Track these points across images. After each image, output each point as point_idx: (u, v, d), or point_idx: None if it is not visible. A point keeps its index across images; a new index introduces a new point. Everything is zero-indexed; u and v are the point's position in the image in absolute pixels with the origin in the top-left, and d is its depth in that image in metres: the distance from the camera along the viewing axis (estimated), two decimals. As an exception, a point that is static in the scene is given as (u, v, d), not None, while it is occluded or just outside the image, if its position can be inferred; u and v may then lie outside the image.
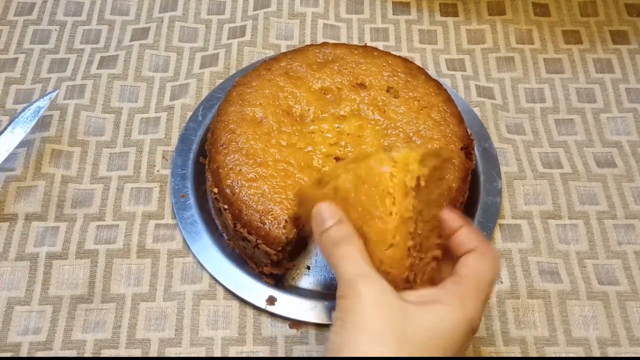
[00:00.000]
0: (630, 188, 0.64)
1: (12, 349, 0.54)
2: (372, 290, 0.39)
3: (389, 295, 0.39)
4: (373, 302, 0.39)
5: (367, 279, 0.40)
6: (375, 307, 0.39)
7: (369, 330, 0.38)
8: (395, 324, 0.38)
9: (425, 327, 0.39)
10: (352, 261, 0.41)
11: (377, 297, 0.39)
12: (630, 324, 0.57)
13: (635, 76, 0.72)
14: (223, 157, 0.58)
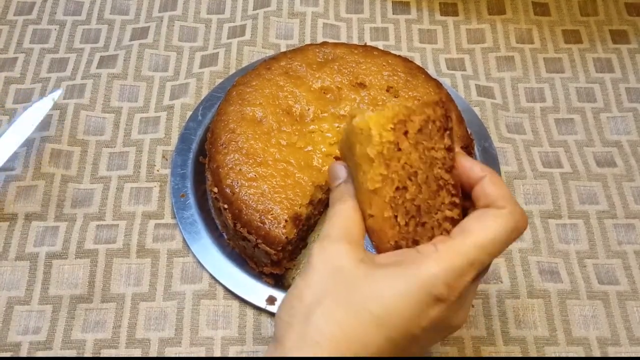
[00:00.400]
0: (630, 187, 0.64)
1: (12, 349, 0.54)
2: (322, 258, 0.39)
3: (338, 262, 0.38)
4: (319, 270, 0.38)
5: (324, 243, 0.39)
6: (319, 274, 0.38)
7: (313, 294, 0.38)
8: (337, 294, 0.37)
9: (369, 296, 0.36)
10: (330, 223, 0.40)
11: (324, 265, 0.38)
12: (630, 324, 0.57)
13: (635, 76, 0.72)
14: (223, 157, 0.58)
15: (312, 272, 0.39)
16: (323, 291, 0.37)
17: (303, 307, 0.37)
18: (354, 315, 0.36)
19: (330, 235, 0.40)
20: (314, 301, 0.37)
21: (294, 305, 0.38)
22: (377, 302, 0.36)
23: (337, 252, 0.39)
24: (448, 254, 0.36)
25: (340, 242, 0.39)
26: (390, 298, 0.36)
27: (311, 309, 0.37)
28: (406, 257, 0.37)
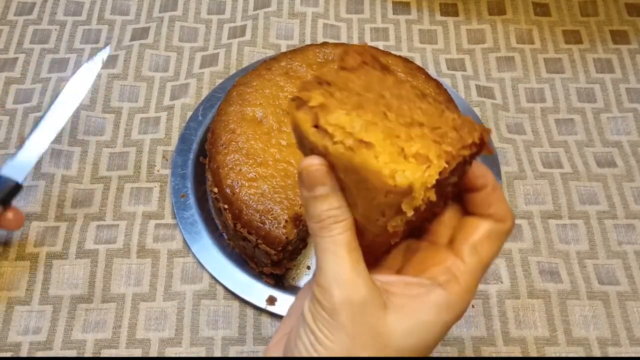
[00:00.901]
0: (631, 188, 0.64)
1: (12, 349, 0.54)
2: (349, 309, 0.34)
3: (367, 310, 0.35)
4: (349, 324, 0.34)
5: (345, 290, 0.35)
6: (350, 329, 0.34)
7: (343, 354, 0.34)
8: (371, 343, 0.35)
9: (402, 341, 0.35)
10: (334, 257, 0.35)
11: (354, 317, 0.34)
12: (630, 324, 0.57)
13: (635, 76, 0.72)
14: (223, 157, 0.58)
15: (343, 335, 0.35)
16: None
17: None
18: None
19: (350, 280, 0.35)
20: None
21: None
22: (410, 354, 0.36)
23: (365, 306, 0.35)
24: (469, 286, 0.36)
25: (363, 290, 0.35)
26: (421, 347, 0.36)
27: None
28: (433, 299, 0.35)
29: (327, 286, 0.34)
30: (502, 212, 0.37)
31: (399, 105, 0.35)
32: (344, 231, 0.35)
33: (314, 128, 0.34)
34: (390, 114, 0.34)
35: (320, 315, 0.35)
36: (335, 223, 0.35)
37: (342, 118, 0.34)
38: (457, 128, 0.34)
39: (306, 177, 0.35)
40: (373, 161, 0.32)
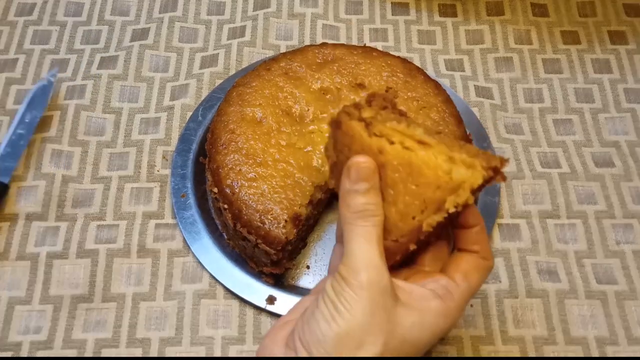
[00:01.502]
0: (629, 188, 0.64)
1: (12, 349, 0.55)
2: (373, 289, 0.39)
3: (386, 296, 0.39)
4: (370, 302, 0.39)
5: (373, 273, 0.39)
6: (370, 307, 0.39)
7: (359, 330, 0.39)
8: (385, 325, 0.39)
9: (407, 332, 0.40)
10: (367, 244, 0.40)
11: (375, 297, 0.39)
12: (628, 323, 0.57)
13: (633, 76, 0.72)
14: (223, 157, 0.59)
15: (364, 309, 0.39)
16: (376, 332, 0.39)
17: (357, 347, 0.39)
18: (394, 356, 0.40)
19: (378, 267, 0.40)
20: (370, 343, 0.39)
21: (347, 344, 0.39)
22: (411, 348, 0.40)
23: (385, 291, 0.40)
24: (459, 306, 0.42)
25: (386, 278, 0.40)
26: (420, 344, 0.41)
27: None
28: (433, 307, 0.41)
29: (357, 267, 0.39)
30: (487, 251, 0.44)
31: (428, 132, 0.41)
32: (377, 224, 0.40)
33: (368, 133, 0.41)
34: (428, 135, 0.41)
35: (344, 291, 0.39)
36: (372, 216, 0.40)
37: (400, 127, 0.41)
38: (480, 154, 0.40)
39: (354, 172, 0.41)
40: (432, 159, 0.40)
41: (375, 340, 0.38)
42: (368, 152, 0.41)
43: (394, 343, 0.39)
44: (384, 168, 0.41)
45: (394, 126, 0.41)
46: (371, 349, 0.38)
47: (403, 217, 0.41)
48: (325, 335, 0.38)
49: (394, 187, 0.41)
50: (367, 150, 0.41)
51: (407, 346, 0.40)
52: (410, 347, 0.40)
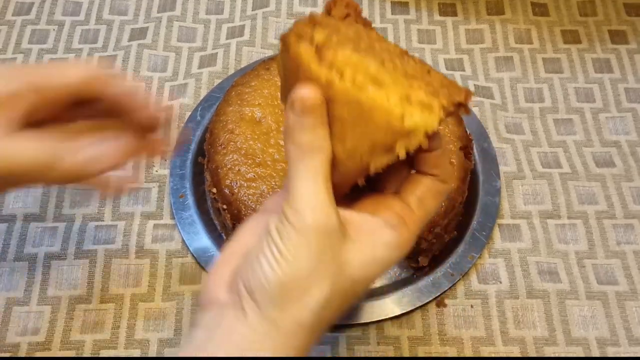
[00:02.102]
0: (629, 188, 0.64)
1: (10, 350, 0.54)
2: (319, 232, 0.36)
3: (333, 237, 0.37)
4: (316, 246, 0.36)
5: (319, 214, 0.36)
6: (316, 251, 0.36)
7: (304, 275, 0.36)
8: (331, 268, 0.37)
9: (356, 271, 0.38)
10: (313, 183, 0.37)
11: (321, 240, 0.36)
12: (629, 324, 0.57)
13: (634, 76, 0.72)
14: (222, 157, 0.58)
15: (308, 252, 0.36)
16: (322, 275, 0.37)
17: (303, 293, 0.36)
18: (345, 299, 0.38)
19: (322, 204, 0.37)
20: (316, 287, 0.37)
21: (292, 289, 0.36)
22: (361, 286, 0.39)
23: (332, 229, 0.37)
24: (414, 233, 0.40)
25: (333, 217, 0.37)
26: (370, 279, 0.39)
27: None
28: (385, 238, 0.38)
29: (301, 209, 0.36)
30: (447, 174, 0.41)
31: (390, 58, 0.37)
32: (324, 162, 0.37)
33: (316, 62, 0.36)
34: (387, 63, 0.37)
35: (288, 234, 0.36)
36: (318, 153, 0.37)
37: (354, 57, 0.36)
38: (445, 86, 0.36)
39: (299, 105, 0.36)
40: (384, 101, 0.35)
41: (322, 285, 0.36)
42: (316, 82, 0.36)
43: (341, 284, 0.37)
44: (332, 103, 0.36)
45: (346, 56, 0.36)
46: (317, 294, 0.36)
47: (350, 156, 0.37)
48: (269, 281, 0.36)
49: (342, 125, 0.36)
50: (315, 80, 0.36)
51: (357, 285, 0.38)
52: (360, 285, 0.38)
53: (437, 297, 0.57)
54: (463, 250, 0.58)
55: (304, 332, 0.36)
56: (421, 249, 0.57)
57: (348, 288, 0.38)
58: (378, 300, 0.56)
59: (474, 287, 0.58)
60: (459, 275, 0.57)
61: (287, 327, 0.36)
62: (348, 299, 0.38)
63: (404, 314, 0.56)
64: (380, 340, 0.55)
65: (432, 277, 0.57)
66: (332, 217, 0.37)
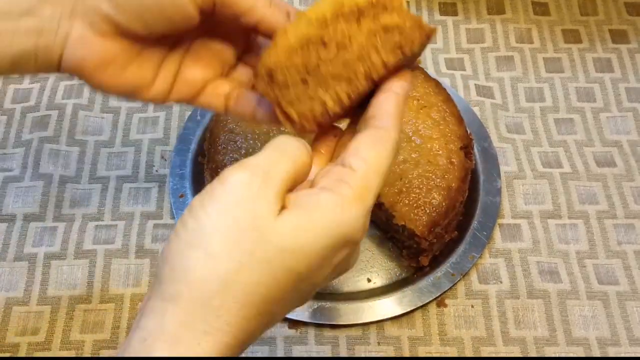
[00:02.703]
0: (630, 187, 0.64)
1: (10, 350, 0.54)
2: (238, 183, 0.33)
3: (254, 206, 0.32)
4: (229, 211, 0.32)
5: (253, 173, 0.33)
6: (228, 214, 0.32)
7: (208, 231, 0.32)
8: (247, 234, 0.32)
9: (286, 238, 0.32)
10: (279, 160, 0.35)
11: (235, 208, 0.32)
12: (630, 324, 0.56)
13: (634, 75, 0.72)
14: (222, 157, 0.58)
15: (225, 209, 0.32)
16: (236, 238, 0.32)
17: (207, 255, 0.32)
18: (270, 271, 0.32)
19: (272, 176, 0.34)
20: (224, 250, 0.32)
21: (195, 251, 0.32)
22: (296, 258, 0.33)
23: (263, 199, 0.33)
24: (362, 193, 0.34)
25: (271, 192, 0.33)
26: (309, 251, 0.33)
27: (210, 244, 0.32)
28: (322, 200, 0.34)
29: (235, 166, 0.34)
30: (385, 118, 0.36)
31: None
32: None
33: None
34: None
35: (209, 190, 0.33)
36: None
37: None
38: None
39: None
40: None
41: (232, 249, 0.31)
42: None
43: (260, 252, 0.32)
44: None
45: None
46: (223, 257, 0.31)
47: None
48: (170, 250, 0.33)
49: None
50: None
51: (291, 254, 0.32)
52: (298, 254, 0.32)
53: (437, 297, 0.57)
54: (463, 250, 0.58)
55: (208, 308, 0.31)
56: (422, 249, 0.56)
57: (273, 258, 0.32)
58: (378, 300, 0.56)
59: (475, 287, 0.58)
60: (459, 275, 0.57)
61: (184, 300, 0.31)
62: (276, 272, 0.32)
63: (404, 314, 0.56)
64: (380, 340, 0.55)
65: (433, 277, 0.57)
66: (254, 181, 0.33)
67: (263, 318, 0.33)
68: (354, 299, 0.56)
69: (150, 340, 0.31)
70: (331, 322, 0.55)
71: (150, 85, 0.42)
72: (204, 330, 0.31)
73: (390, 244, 0.60)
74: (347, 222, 0.34)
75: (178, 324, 0.31)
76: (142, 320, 0.32)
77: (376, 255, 0.60)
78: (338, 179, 0.34)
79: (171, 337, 0.31)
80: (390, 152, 0.36)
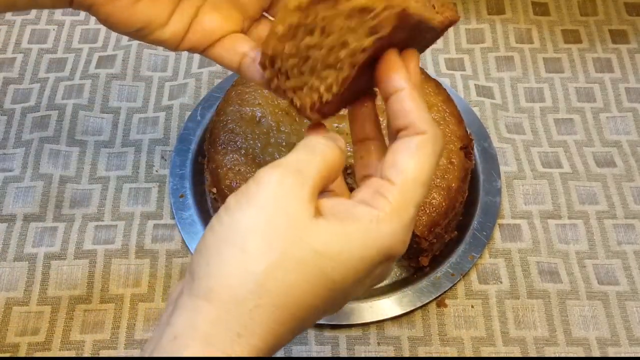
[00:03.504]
0: (630, 188, 0.64)
1: (10, 350, 0.54)
2: (273, 184, 0.33)
3: (294, 209, 0.32)
4: (268, 198, 0.32)
5: (287, 172, 0.33)
6: (265, 215, 0.32)
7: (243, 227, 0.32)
8: (284, 231, 0.32)
9: (321, 244, 0.32)
10: (311, 160, 0.34)
11: (275, 207, 0.32)
12: (630, 324, 0.56)
13: (634, 76, 0.72)
14: (222, 157, 0.58)
15: (260, 208, 0.32)
16: (270, 237, 0.32)
17: (241, 252, 0.31)
18: (306, 274, 0.32)
19: (304, 175, 0.33)
20: (258, 248, 0.31)
21: (228, 248, 0.32)
22: (331, 264, 0.32)
23: (298, 199, 0.33)
24: (401, 207, 0.33)
25: (306, 190, 0.33)
26: (346, 260, 0.32)
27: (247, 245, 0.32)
28: (359, 213, 0.33)
29: (270, 165, 0.34)
30: (421, 121, 0.34)
31: None
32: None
33: None
34: None
35: (244, 189, 0.33)
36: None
37: None
38: None
39: None
40: None
41: (266, 248, 0.31)
42: None
43: (298, 252, 0.31)
44: None
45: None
46: (257, 255, 0.31)
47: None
48: (206, 245, 0.32)
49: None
50: None
51: (324, 260, 0.31)
52: (331, 261, 0.32)
53: (437, 297, 0.57)
54: (463, 250, 0.58)
55: (241, 306, 0.30)
56: (422, 249, 0.56)
57: (309, 260, 0.31)
58: (378, 300, 0.56)
59: (475, 287, 0.58)
60: (459, 275, 0.57)
61: (217, 298, 0.31)
62: (312, 276, 0.32)
63: (404, 314, 0.56)
64: (380, 340, 0.55)
65: (433, 277, 0.57)
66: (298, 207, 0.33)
67: (295, 323, 0.32)
68: (353, 299, 0.56)
69: (182, 339, 0.30)
70: (331, 322, 0.55)
71: (164, 25, 0.41)
72: (237, 332, 0.30)
73: (390, 244, 0.60)
74: (383, 237, 0.33)
75: (211, 323, 0.30)
76: (174, 317, 0.31)
77: (376, 255, 0.60)
78: (376, 192, 0.34)
79: (204, 336, 0.30)
80: (430, 157, 0.34)
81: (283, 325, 0.31)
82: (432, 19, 0.36)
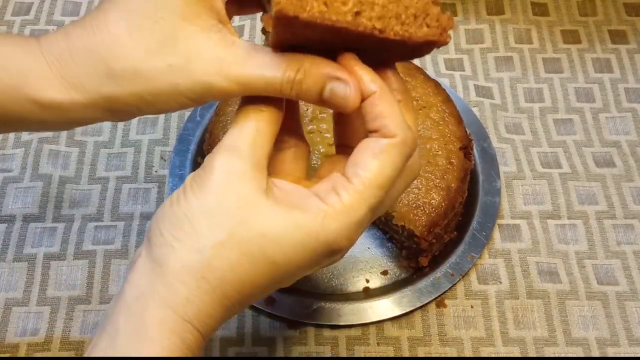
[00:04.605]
0: (629, 188, 0.64)
1: (10, 350, 0.54)
2: (226, 178, 0.34)
3: (241, 188, 0.34)
4: (220, 192, 0.34)
5: (232, 159, 0.35)
6: (218, 197, 0.34)
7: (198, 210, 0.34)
8: (234, 212, 0.34)
9: (267, 227, 0.34)
10: (246, 135, 0.35)
11: (225, 189, 0.34)
12: (629, 324, 0.57)
13: (634, 76, 0.72)
14: (221, 158, 0.58)
15: (210, 193, 0.34)
16: (219, 219, 0.34)
17: (192, 231, 0.34)
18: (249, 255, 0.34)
19: (241, 150, 0.35)
20: (207, 228, 0.34)
21: (182, 226, 0.34)
22: (274, 248, 0.34)
23: (244, 177, 0.34)
24: (352, 206, 0.34)
25: (248, 165, 0.34)
26: (288, 246, 0.34)
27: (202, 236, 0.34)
28: (310, 205, 0.34)
29: (215, 151, 0.35)
30: (391, 126, 0.34)
31: None
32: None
33: None
34: None
35: (197, 175, 0.35)
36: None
37: None
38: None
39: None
40: None
41: (216, 227, 0.33)
42: None
43: (244, 234, 0.33)
44: None
45: None
46: (207, 234, 0.34)
47: None
48: (163, 215, 0.35)
49: None
50: None
51: (268, 243, 0.33)
52: (276, 244, 0.33)
53: (437, 298, 0.57)
54: (463, 251, 0.58)
55: (190, 276, 0.33)
56: (421, 249, 0.56)
57: (253, 242, 0.33)
58: (378, 300, 0.56)
59: (474, 288, 0.58)
60: (458, 276, 0.57)
61: (170, 266, 0.34)
62: (255, 257, 0.34)
63: (403, 315, 0.56)
64: (380, 340, 0.55)
65: (432, 278, 0.57)
66: (246, 163, 0.35)
67: (239, 297, 0.34)
68: (353, 299, 0.56)
69: (144, 298, 0.34)
70: (331, 323, 0.55)
71: None
72: (187, 297, 0.33)
73: (390, 244, 0.60)
74: (326, 233, 0.34)
75: (165, 286, 0.34)
76: (134, 274, 0.35)
77: (375, 255, 0.60)
78: (332, 188, 0.34)
79: (161, 298, 0.33)
80: (394, 161, 0.34)
81: (228, 299, 0.34)
82: (409, 37, 0.34)
